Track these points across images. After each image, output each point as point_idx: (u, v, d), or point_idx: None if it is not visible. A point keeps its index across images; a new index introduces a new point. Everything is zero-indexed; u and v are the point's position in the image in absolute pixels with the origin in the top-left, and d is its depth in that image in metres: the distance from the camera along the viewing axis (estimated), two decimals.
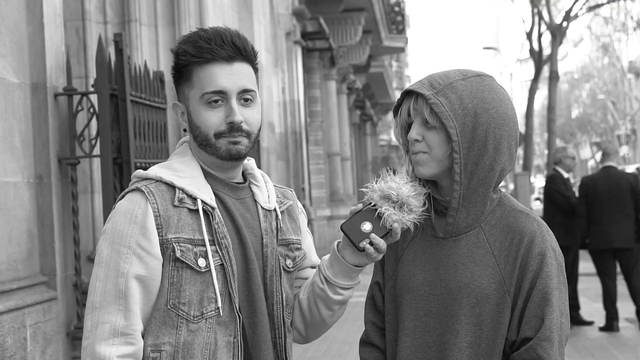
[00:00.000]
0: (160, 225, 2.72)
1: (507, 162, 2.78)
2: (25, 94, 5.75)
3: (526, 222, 2.78)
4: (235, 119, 2.78)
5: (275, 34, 15.83)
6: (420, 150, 2.76)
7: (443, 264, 2.80)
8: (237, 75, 2.82)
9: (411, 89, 2.79)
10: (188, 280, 2.73)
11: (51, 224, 5.85)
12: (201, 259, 2.74)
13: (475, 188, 2.74)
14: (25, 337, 5.36)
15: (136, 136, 6.50)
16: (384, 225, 2.73)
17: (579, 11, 34.64)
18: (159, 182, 2.79)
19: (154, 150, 6.89)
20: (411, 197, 2.73)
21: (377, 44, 27.49)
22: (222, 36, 2.81)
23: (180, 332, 2.72)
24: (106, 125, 6.21)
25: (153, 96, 6.92)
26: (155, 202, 2.73)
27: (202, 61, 2.79)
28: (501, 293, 2.74)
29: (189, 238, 2.74)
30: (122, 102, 6.32)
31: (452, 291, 2.76)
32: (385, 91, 38.55)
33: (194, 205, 2.77)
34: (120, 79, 6.32)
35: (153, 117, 6.91)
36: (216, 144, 2.79)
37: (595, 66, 67.32)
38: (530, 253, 2.73)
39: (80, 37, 7.55)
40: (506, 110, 2.77)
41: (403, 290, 2.85)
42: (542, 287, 2.71)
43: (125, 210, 2.75)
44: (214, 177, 2.86)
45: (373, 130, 43.84)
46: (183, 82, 2.84)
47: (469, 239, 2.79)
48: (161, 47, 8.59)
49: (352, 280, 2.87)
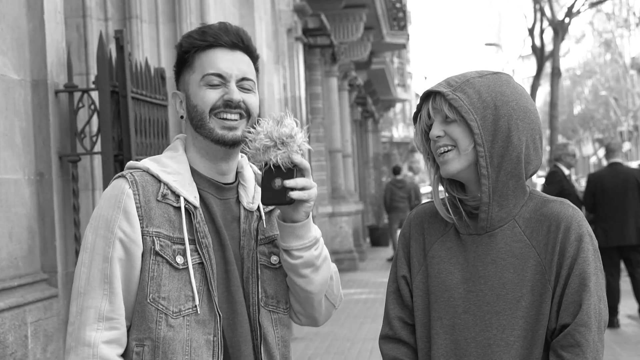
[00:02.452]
0: (142, 216, 2.75)
1: (533, 155, 2.80)
2: (26, 91, 5.75)
3: (561, 208, 2.80)
4: (233, 97, 2.82)
5: (277, 31, 15.82)
6: (445, 144, 2.77)
7: (481, 260, 2.80)
8: (239, 62, 2.87)
9: (429, 90, 2.82)
10: (167, 275, 2.75)
11: (52, 221, 5.84)
12: (179, 256, 2.76)
13: (504, 181, 2.75)
14: (26, 335, 5.37)
15: (137, 133, 6.49)
16: (287, 167, 2.73)
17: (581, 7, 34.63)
18: (145, 172, 2.82)
19: (155, 147, 6.89)
20: (281, 128, 2.74)
21: (379, 40, 27.47)
22: (226, 26, 2.88)
23: (160, 327, 2.73)
24: (107, 122, 6.21)
25: (154, 93, 6.92)
26: (137, 192, 2.76)
27: (205, 45, 2.85)
28: (543, 283, 2.75)
29: (168, 235, 2.76)
30: (123, 99, 6.32)
31: (495, 288, 2.77)
32: (386, 88, 38.53)
33: (177, 202, 2.79)
34: (121, 75, 6.32)
35: (154, 114, 6.90)
36: (209, 124, 2.82)
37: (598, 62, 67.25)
38: (567, 238, 2.75)
39: (81, 33, 7.55)
40: (526, 104, 2.80)
41: (439, 288, 2.84)
42: (579, 273, 2.73)
43: (109, 196, 2.78)
44: (200, 176, 2.88)
45: (374, 127, 43.82)
46: (185, 68, 2.89)
47: (504, 234, 2.79)
48: (162, 44, 8.58)
49: (302, 239, 2.84)
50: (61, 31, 6.14)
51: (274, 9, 15.57)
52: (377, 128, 45.27)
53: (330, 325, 12.52)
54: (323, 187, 22.06)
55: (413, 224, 2.99)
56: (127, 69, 6.35)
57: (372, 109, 39.13)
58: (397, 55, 48.71)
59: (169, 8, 8.66)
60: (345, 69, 26.22)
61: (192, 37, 2.87)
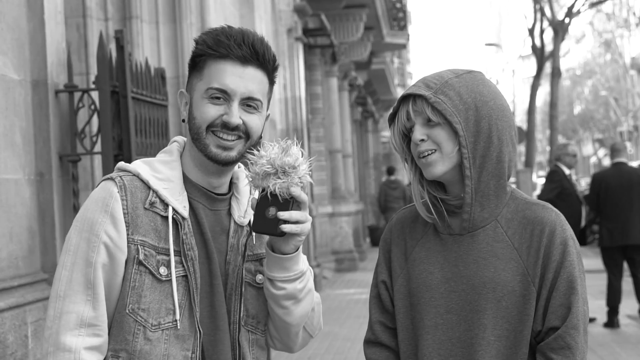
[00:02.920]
0: (128, 222, 2.66)
1: (512, 152, 2.82)
2: (26, 91, 5.75)
3: (544, 213, 2.81)
4: (231, 120, 2.70)
5: (277, 31, 15.83)
6: (428, 149, 2.76)
7: (462, 260, 2.81)
8: (247, 80, 2.73)
9: (408, 93, 2.80)
10: (149, 286, 2.66)
11: (52, 221, 5.84)
12: (163, 267, 2.67)
13: (486, 181, 2.77)
14: (26, 335, 5.36)
15: (137, 133, 6.49)
16: (284, 198, 2.64)
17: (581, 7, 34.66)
18: (135, 177, 2.73)
19: (155, 147, 6.89)
20: (284, 157, 2.65)
21: (379, 40, 27.47)
22: (244, 36, 2.74)
23: (137, 340, 2.65)
24: (107, 122, 6.21)
25: (154, 93, 6.92)
26: (125, 197, 2.67)
27: (216, 55, 2.72)
28: (526, 285, 2.76)
29: (153, 245, 2.68)
30: (123, 99, 6.32)
31: (476, 287, 2.77)
32: (387, 88, 38.52)
33: (165, 211, 2.70)
34: (122, 75, 6.32)
35: (154, 114, 6.90)
36: (205, 140, 2.72)
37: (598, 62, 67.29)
38: (552, 242, 2.77)
39: (81, 33, 7.55)
40: (502, 102, 2.81)
41: (420, 289, 2.84)
42: (567, 276, 2.75)
43: (97, 198, 2.69)
44: (193, 184, 2.78)
45: (375, 127, 43.80)
46: (195, 72, 2.78)
47: (486, 234, 2.80)
48: (162, 44, 8.58)
49: (288, 271, 2.74)
50: (61, 31, 6.14)
51: (274, 9, 15.58)
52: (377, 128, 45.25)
53: (330, 325, 12.53)
54: (323, 187, 22.07)
55: (394, 229, 2.98)
56: (127, 69, 6.35)
57: (372, 109, 39.13)
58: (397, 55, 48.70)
59: (169, 8, 8.67)
60: (345, 69, 26.22)
61: (206, 44, 2.74)
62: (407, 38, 32.52)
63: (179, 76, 8.58)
